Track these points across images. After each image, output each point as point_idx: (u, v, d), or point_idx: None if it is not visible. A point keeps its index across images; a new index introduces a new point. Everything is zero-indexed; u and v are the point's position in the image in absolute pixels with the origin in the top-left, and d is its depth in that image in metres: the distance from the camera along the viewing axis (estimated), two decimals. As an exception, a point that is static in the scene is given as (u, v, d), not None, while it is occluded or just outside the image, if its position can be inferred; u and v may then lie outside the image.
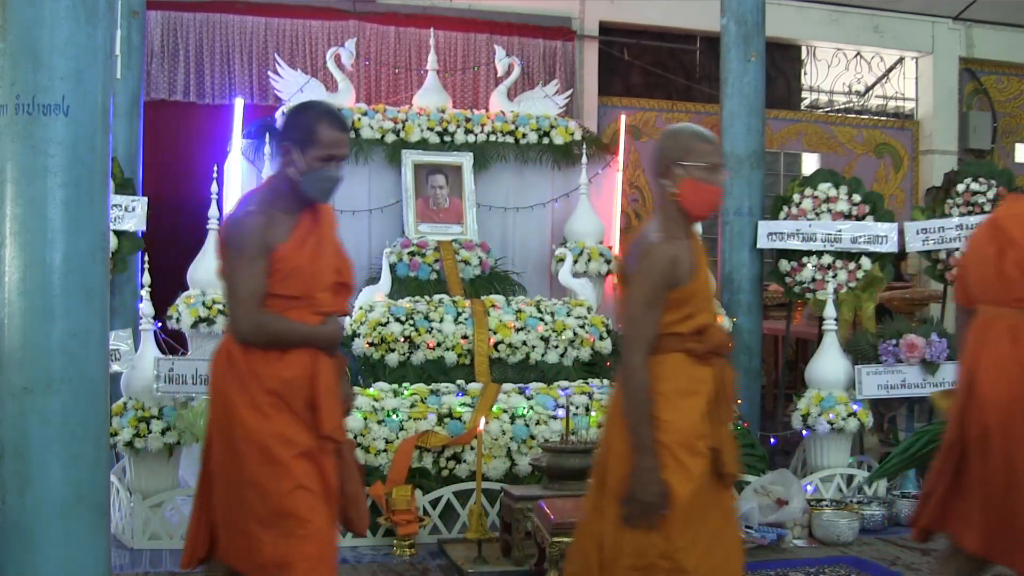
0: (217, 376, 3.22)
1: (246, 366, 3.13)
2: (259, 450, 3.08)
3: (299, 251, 3.18)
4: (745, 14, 7.31)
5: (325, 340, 3.24)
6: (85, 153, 3.26)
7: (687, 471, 2.95)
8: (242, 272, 3.13)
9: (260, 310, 3.13)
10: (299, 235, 3.19)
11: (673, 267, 3.01)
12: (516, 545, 4.94)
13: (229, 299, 3.19)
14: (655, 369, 2.99)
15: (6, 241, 3.20)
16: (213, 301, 6.39)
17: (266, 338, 3.14)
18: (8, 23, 3.19)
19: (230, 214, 3.30)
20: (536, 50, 9.77)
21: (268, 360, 3.13)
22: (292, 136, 3.22)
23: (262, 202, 3.23)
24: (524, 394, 5.88)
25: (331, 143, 3.19)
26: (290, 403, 3.13)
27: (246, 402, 3.11)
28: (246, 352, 3.14)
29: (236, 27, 9.04)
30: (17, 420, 3.20)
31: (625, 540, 2.95)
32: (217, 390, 3.21)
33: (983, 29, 11.26)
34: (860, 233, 6.99)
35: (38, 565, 3.20)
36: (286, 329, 3.17)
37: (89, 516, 3.29)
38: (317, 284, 3.23)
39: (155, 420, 5.42)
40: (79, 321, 3.26)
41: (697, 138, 3.14)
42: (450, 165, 7.86)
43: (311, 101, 3.52)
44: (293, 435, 3.11)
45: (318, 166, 3.18)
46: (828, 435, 6.21)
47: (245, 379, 3.13)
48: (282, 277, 3.14)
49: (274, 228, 3.16)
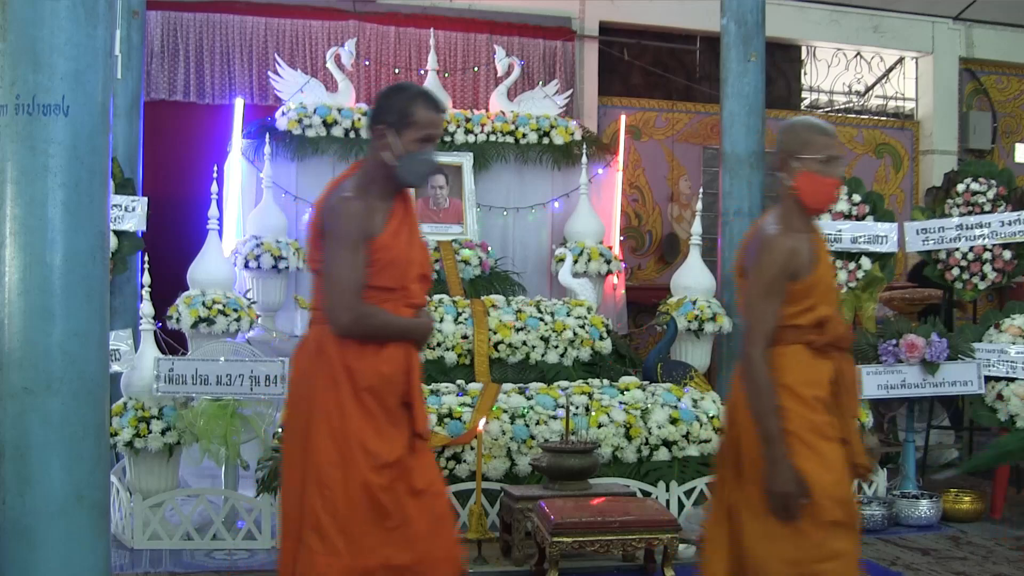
0: (301, 370, 3.09)
1: (340, 361, 3.00)
2: (337, 453, 2.96)
3: (395, 241, 3.07)
4: (745, 14, 7.31)
5: (421, 334, 3.16)
6: (85, 153, 3.25)
7: (821, 456, 2.93)
8: (343, 260, 2.99)
9: (361, 301, 3.00)
10: (394, 224, 3.09)
11: (792, 259, 2.98)
12: (516, 545, 4.95)
13: (328, 288, 3.03)
14: (775, 361, 2.97)
15: (6, 241, 3.19)
16: (213, 301, 6.39)
17: (366, 330, 3.01)
18: (8, 23, 3.19)
19: (327, 200, 3.15)
20: (536, 50, 9.77)
21: (364, 354, 3.01)
22: (386, 118, 3.10)
23: (358, 188, 3.10)
24: (524, 394, 5.88)
25: (428, 123, 3.09)
26: (384, 400, 3.02)
27: (333, 400, 2.98)
28: (341, 346, 3.00)
29: (236, 27, 9.04)
30: (17, 420, 3.20)
31: (772, 537, 2.92)
32: (301, 385, 3.08)
33: (983, 29, 11.26)
34: (860, 233, 6.99)
35: (38, 565, 3.20)
36: (386, 322, 3.05)
37: (89, 516, 3.29)
38: (410, 275, 3.12)
39: (155, 420, 5.42)
40: (79, 321, 3.25)
41: (815, 131, 3.12)
42: (450, 165, 7.86)
43: (404, 83, 3.39)
44: (376, 446, 2.98)
45: (415, 148, 3.08)
46: (828, 435, 6.20)
47: (337, 375, 3.00)
48: (379, 268, 3.02)
49: (372, 216, 3.04)
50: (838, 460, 2.98)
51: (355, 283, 2.98)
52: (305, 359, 3.09)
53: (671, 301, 7.22)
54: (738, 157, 7.33)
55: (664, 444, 5.79)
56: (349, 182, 3.15)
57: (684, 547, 5.09)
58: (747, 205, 7.31)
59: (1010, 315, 6.46)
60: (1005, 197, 6.98)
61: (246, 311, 6.50)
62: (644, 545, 4.74)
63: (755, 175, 7.35)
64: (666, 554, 4.76)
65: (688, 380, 6.44)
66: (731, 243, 7.34)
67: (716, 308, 7.05)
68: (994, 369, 6.27)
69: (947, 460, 7.87)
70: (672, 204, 10.37)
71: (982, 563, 5.27)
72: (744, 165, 7.32)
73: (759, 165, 7.40)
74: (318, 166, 7.75)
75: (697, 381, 6.53)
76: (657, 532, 4.70)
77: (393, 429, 3.03)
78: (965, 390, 6.31)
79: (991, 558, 5.37)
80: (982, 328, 6.51)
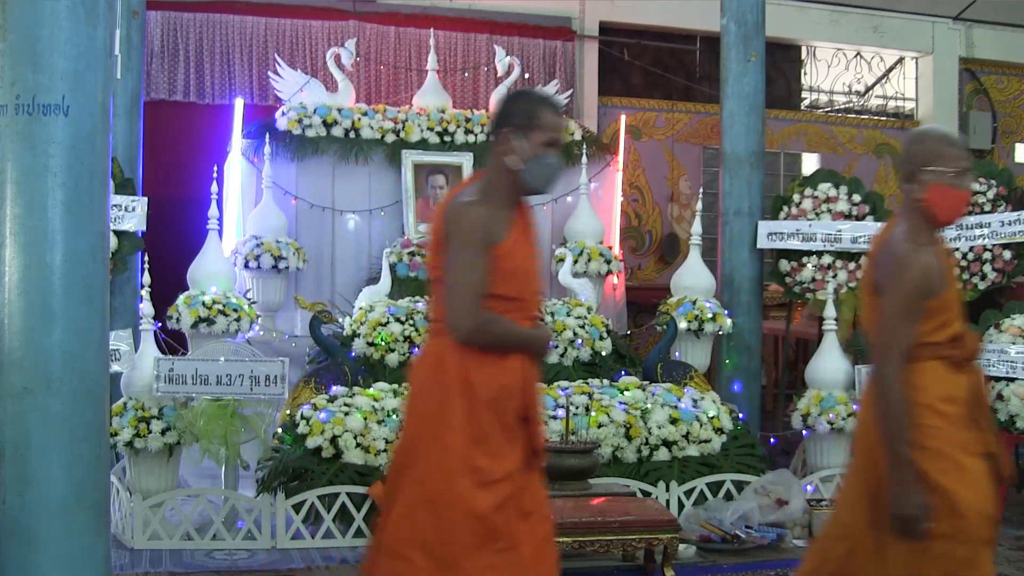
0: (419, 384, 3.03)
1: (459, 372, 2.91)
2: (447, 470, 2.87)
3: (517, 249, 3.01)
4: (745, 14, 7.31)
5: (541, 345, 3.09)
6: (85, 153, 3.25)
7: (968, 473, 2.88)
8: (466, 266, 2.90)
9: (484, 309, 2.91)
10: (517, 231, 3.02)
11: (928, 277, 2.91)
12: (516, 545, 4.93)
13: (449, 294, 2.94)
14: (914, 378, 2.89)
15: (6, 241, 3.19)
16: (213, 301, 6.39)
17: (487, 339, 2.94)
18: (8, 23, 3.19)
19: (448, 205, 3.05)
20: (536, 50, 9.77)
21: (484, 365, 2.93)
22: (511, 122, 3.03)
23: (480, 194, 3.01)
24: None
25: (553, 127, 3.04)
26: (502, 413, 2.93)
27: (447, 415, 2.90)
28: (461, 356, 2.92)
29: (236, 27, 9.04)
30: (17, 420, 3.20)
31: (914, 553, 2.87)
32: (417, 399, 3.01)
33: (983, 29, 11.26)
34: (860, 233, 6.99)
35: (38, 565, 3.20)
36: (508, 331, 2.97)
37: (89, 516, 3.29)
38: (530, 285, 3.06)
39: (155, 420, 5.42)
40: (79, 321, 3.25)
41: (945, 142, 3.04)
42: (450, 165, 7.86)
43: (527, 88, 3.26)
44: (486, 463, 2.89)
45: (540, 152, 3.01)
46: (828, 435, 6.21)
47: (453, 389, 2.91)
48: (501, 276, 2.94)
49: (495, 222, 2.96)
50: (984, 477, 2.93)
51: (476, 289, 2.90)
52: (423, 372, 3.03)
53: (671, 301, 7.21)
54: (738, 157, 7.32)
55: (664, 444, 5.79)
56: (471, 187, 3.07)
57: (684, 547, 5.09)
58: (747, 205, 7.30)
59: (1010, 315, 6.45)
60: (1005, 197, 6.97)
61: (246, 311, 6.50)
62: (644, 545, 4.74)
63: (755, 175, 7.35)
64: (666, 554, 4.76)
65: (688, 380, 6.44)
66: (731, 243, 7.34)
67: (716, 308, 7.05)
68: (994, 369, 6.27)
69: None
70: (672, 204, 10.37)
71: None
72: (744, 165, 7.32)
73: (759, 165, 7.40)
74: (318, 166, 7.76)
75: (697, 381, 6.53)
76: (657, 532, 4.70)
77: (508, 446, 2.95)
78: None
79: (991, 558, 5.37)
80: (982, 328, 6.51)
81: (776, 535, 5.42)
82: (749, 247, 7.25)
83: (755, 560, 5.20)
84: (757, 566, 5.10)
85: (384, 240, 7.65)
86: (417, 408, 3.00)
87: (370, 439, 5.49)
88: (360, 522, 5.35)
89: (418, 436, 2.95)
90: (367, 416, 5.55)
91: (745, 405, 6.98)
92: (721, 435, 5.96)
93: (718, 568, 5.10)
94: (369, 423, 5.53)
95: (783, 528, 5.51)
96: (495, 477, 2.89)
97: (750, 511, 5.46)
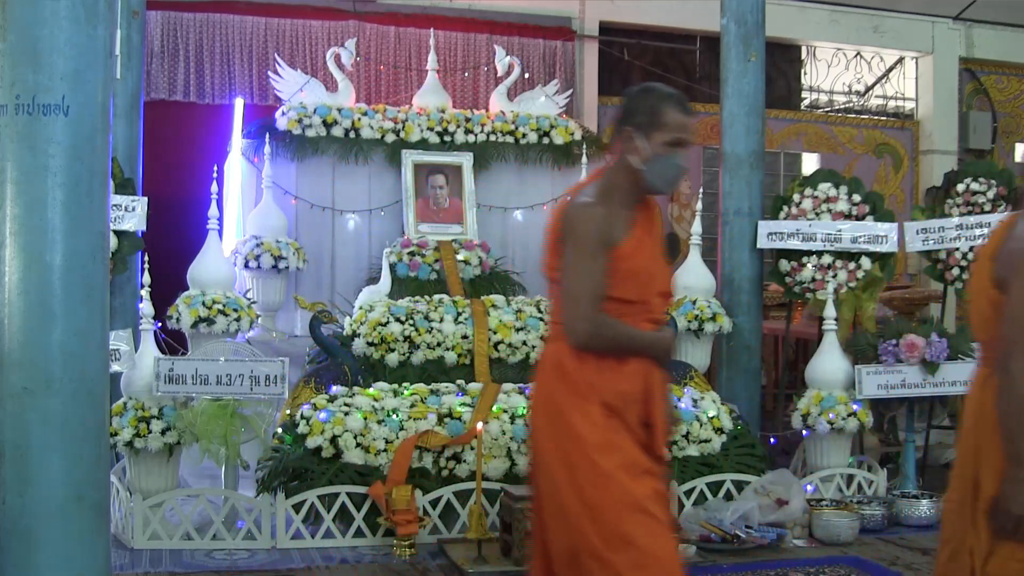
0: (546, 391, 2.96)
1: (581, 377, 2.86)
2: (598, 471, 2.81)
3: (638, 250, 2.93)
4: (745, 14, 7.31)
5: (663, 349, 3.00)
6: (85, 153, 3.25)
7: None
8: (583, 268, 2.85)
9: (600, 312, 2.85)
10: (638, 233, 2.94)
11: None
12: (516, 545, 4.94)
13: (565, 298, 2.90)
14: None
15: (6, 241, 3.19)
16: (213, 301, 6.39)
17: (604, 343, 2.88)
18: (8, 23, 3.19)
19: (567, 205, 3.00)
20: (536, 50, 9.77)
21: (603, 370, 2.87)
22: (634, 120, 2.97)
23: (600, 194, 2.96)
24: (524, 394, 5.88)
25: (678, 126, 2.95)
26: (624, 418, 2.87)
27: (584, 418, 2.83)
28: (580, 362, 2.88)
29: (236, 27, 9.04)
30: (17, 420, 3.20)
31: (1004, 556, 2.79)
32: (548, 407, 2.93)
33: (983, 29, 11.26)
34: (860, 233, 6.99)
35: (38, 565, 3.20)
36: (626, 335, 2.90)
37: (89, 516, 3.29)
38: (652, 288, 2.98)
39: (155, 420, 5.42)
40: (79, 321, 3.25)
41: None
42: (450, 165, 7.86)
43: (652, 84, 3.19)
44: (635, 454, 2.85)
45: (664, 152, 2.94)
46: (828, 435, 6.21)
47: (581, 391, 2.86)
48: (621, 278, 2.88)
49: (614, 223, 2.90)
50: None
51: (593, 292, 2.85)
52: (545, 378, 2.97)
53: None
54: (738, 157, 7.32)
55: (664, 444, 5.78)
56: (591, 187, 3.01)
57: (684, 547, 5.09)
58: (747, 205, 7.30)
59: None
60: (1005, 197, 6.98)
61: (246, 311, 6.50)
62: (644, 545, 4.73)
63: (755, 175, 7.34)
64: (666, 554, 4.75)
65: (688, 380, 6.44)
66: (731, 243, 7.34)
67: (716, 308, 7.05)
68: (994, 369, 6.27)
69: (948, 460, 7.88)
70: (672, 204, 10.37)
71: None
72: (744, 165, 7.32)
73: (759, 165, 7.39)
74: (318, 166, 7.76)
75: (697, 381, 6.53)
76: (657, 532, 4.69)
77: (636, 448, 2.90)
78: (965, 390, 6.30)
79: (991, 558, 5.37)
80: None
81: (776, 535, 5.42)
82: (749, 247, 7.25)
83: (755, 560, 5.20)
84: (757, 566, 5.10)
85: (384, 240, 7.65)
86: (547, 418, 2.92)
87: (370, 439, 5.49)
88: (360, 522, 5.36)
89: (556, 446, 2.86)
90: (367, 416, 5.55)
91: (745, 405, 6.98)
92: (721, 435, 5.96)
93: (718, 568, 5.10)
94: (369, 423, 5.53)
95: (783, 528, 5.51)
96: (645, 466, 2.84)
97: (750, 511, 5.46)
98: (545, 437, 2.93)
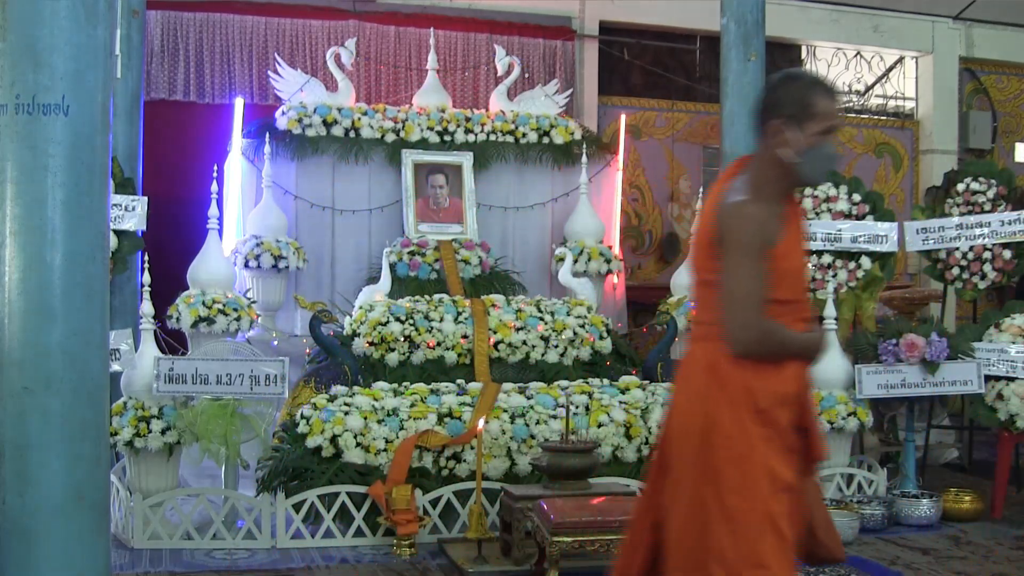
0: (696, 392, 2.85)
1: (737, 380, 2.77)
2: (740, 480, 2.74)
3: (793, 249, 2.85)
4: (745, 14, 7.30)
5: (817, 350, 2.92)
6: (85, 153, 3.25)
7: None
8: (744, 272, 2.74)
9: (764, 318, 2.76)
10: (790, 230, 2.84)
11: None
12: (516, 545, 4.94)
13: (727, 304, 2.78)
14: None
15: (6, 241, 3.19)
16: (213, 301, 6.39)
17: (769, 348, 2.79)
18: (8, 23, 3.19)
19: (720, 204, 2.88)
20: (536, 50, 9.77)
21: (761, 374, 2.78)
22: (783, 111, 2.84)
23: (753, 190, 2.84)
24: (524, 394, 5.88)
25: (829, 113, 2.84)
26: (777, 424, 2.79)
27: (735, 424, 2.76)
28: (738, 365, 2.77)
29: (236, 27, 9.04)
30: (17, 420, 3.20)
31: None
32: (697, 408, 2.84)
33: (983, 29, 11.26)
34: (860, 233, 6.99)
35: (38, 565, 3.20)
36: (789, 338, 2.82)
37: (89, 516, 3.29)
38: (803, 286, 2.91)
39: (155, 420, 5.42)
40: (79, 321, 3.25)
41: None
42: (450, 165, 7.86)
43: (793, 71, 3.06)
44: (780, 469, 2.77)
45: (818, 142, 2.82)
46: (828, 435, 6.20)
47: (736, 397, 2.77)
48: (778, 278, 2.79)
49: (771, 222, 2.80)
50: None
51: (757, 297, 2.75)
52: (693, 377, 2.87)
53: (671, 301, 7.21)
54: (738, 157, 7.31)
55: (664, 444, 5.78)
56: (739, 182, 2.89)
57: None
58: (747, 205, 7.29)
59: (1010, 315, 6.46)
60: (1005, 197, 6.98)
61: (246, 311, 6.51)
62: (644, 545, 4.73)
63: (755, 175, 7.33)
64: (666, 554, 4.75)
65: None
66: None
67: (716, 308, 7.04)
68: (994, 368, 6.27)
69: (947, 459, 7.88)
70: (672, 204, 10.37)
71: (982, 563, 5.27)
72: (744, 165, 7.31)
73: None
74: (318, 166, 7.76)
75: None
76: (657, 532, 4.69)
77: (788, 453, 2.82)
78: (965, 390, 6.31)
79: (991, 558, 5.37)
80: (982, 328, 6.51)
81: (776, 535, 5.41)
82: (749, 247, 7.23)
83: (755, 560, 5.20)
84: (757, 566, 5.10)
85: (384, 240, 7.65)
86: (693, 418, 2.84)
87: (370, 439, 5.49)
88: (360, 522, 5.36)
89: (700, 448, 2.80)
90: (367, 416, 5.55)
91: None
92: None
93: (718, 568, 5.09)
94: (369, 423, 5.53)
95: (783, 528, 5.51)
96: (788, 482, 2.78)
97: (750, 511, 5.45)
98: (689, 437, 2.85)
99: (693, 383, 2.88)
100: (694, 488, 2.81)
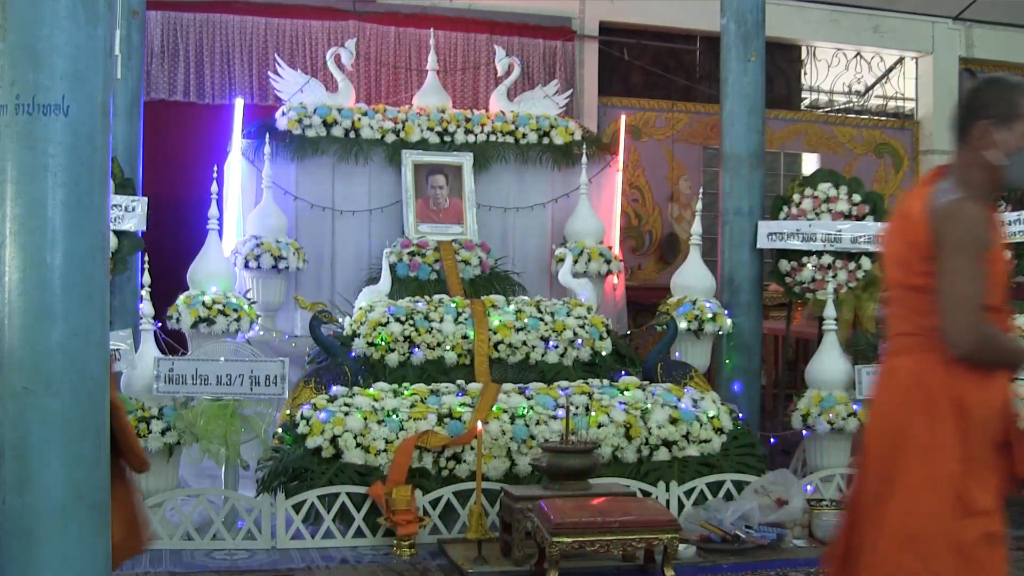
0: (897, 405, 2.77)
1: (946, 392, 2.68)
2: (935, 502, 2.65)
3: (999, 254, 2.78)
4: (745, 14, 7.31)
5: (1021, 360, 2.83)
6: (85, 153, 3.24)
7: None
8: (966, 273, 2.65)
9: (985, 321, 2.67)
10: (996, 235, 2.78)
11: None
12: (516, 545, 4.94)
13: (948, 305, 2.67)
14: None
15: (6, 241, 3.19)
16: (213, 301, 6.39)
17: (989, 354, 2.69)
18: (8, 23, 3.19)
19: (933, 204, 2.78)
20: (536, 50, 9.77)
21: (978, 385, 2.68)
22: (990, 112, 2.81)
23: (966, 190, 2.77)
24: (524, 394, 5.88)
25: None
26: (981, 441, 2.69)
27: (932, 439, 2.67)
28: (951, 375, 2.68)
29: (236, 27, 9.04)
30: (17, 420, 3.20)
31: None
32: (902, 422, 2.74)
33: (983, 29, 11.26)
34: (860, 233, 6.99)
35: (38, 565, 3.19)
36: (1007, 345, 2.73)
37: (89, 516, 3.28)
38: (1004, 292, 2.82)
39: (155, 420, 5.42)
40: (79, 321, 3.25)
41: None
42: (450, 165, 7.86)
43: (998, 75, 3.02)
44: (978, 493, 2.66)
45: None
46: (828, 435, 6.21)
47: (939, 410, 2.68)
48: (990, 284, 2.71)
49: (989, 224, 2.74)
50: None
51: (978, 299, 2.66)
52: (896, 394, 2.78)
53: (671, 301, 7.22)
54: (738, 157, 7.32)
55: (664, 444, 5.79)
56: (947, 185, 2.81)
57: (684, 547, 5.09)
58: (747, 205, 7.31)
59: (1010, 315, 6.46)
60: (1005, 197, 6.98)
61: (246, 311, 6.50)
62: (644, 545, 4.74)
63: (755, 175, 7.35)
64: (666, 554, 4.76)
65: (688, 380, 6.44)
66: (731, 243, 7.34)
67: (716, 308, 7.05)
68: (994, 369, 6.27)
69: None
70: (672, 204, 10.37)
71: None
72: (744, 165, 7.32)
73: (759, 165, 7.40)
74: (318, 166, 7.76)
75: (697, 381, 6.53)
76: (657, 532, 4.70)
77: (989, 472, 2.72)
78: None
79: (991, 558, 5.36)
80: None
81: (776, 535, 5.42)
82: (749, 247, 7.25)
83: (755, 560, 5.20)
84: (757, 566, 5.10)
85: (384, 240, 7.65)
86: (895, 433, 2.76)
87: (370, 439, 5.49)
88: (360, 522, 5.36)
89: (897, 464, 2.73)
90: (367, 416, 5.55)
91: (745, 405, 6.98)
92: (721, 435, 5.96)
93: (718, 568, 5.10)
94: (369, 423, 5.53)
95: (783, 528, 5.51)
96: (984, 508, 2.68)
97: (750, 511, 5.46)
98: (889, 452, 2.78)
99: (892, 397, 2.80)
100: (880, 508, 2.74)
